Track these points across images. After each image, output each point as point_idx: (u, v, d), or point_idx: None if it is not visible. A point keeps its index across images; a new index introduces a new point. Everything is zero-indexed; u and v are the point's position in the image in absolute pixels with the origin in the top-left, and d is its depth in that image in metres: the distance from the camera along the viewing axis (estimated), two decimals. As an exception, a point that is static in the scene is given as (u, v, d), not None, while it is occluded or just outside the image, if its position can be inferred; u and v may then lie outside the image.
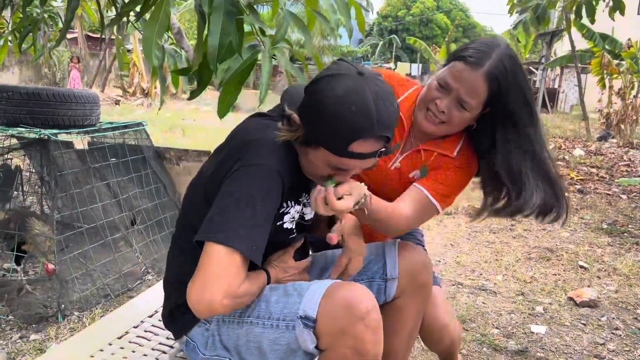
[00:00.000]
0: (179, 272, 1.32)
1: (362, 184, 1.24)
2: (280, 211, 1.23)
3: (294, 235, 1.32)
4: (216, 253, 1.08)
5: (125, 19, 1.87)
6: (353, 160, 1.11)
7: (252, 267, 1.18)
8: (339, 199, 1.14)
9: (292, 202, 1.26)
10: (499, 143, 1.43)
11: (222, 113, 1.55)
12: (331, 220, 1.43)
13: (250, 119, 1.33)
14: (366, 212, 1.29)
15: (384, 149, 1.13)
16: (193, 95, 1.60)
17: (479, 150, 1.52)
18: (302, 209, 1.31)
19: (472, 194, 2.81)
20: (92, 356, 1.39)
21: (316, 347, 1.14)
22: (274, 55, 1.50)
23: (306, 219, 1.36)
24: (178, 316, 1.30)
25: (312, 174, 1.22)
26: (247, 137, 1.22)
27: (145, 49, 1.39)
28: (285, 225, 1.26)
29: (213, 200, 1.16)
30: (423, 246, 1.79)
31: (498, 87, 1.36)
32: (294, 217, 1.28)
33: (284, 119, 1.19)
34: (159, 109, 2.30)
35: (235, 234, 1.08)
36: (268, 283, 1.26)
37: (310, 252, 1.59)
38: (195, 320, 1.27)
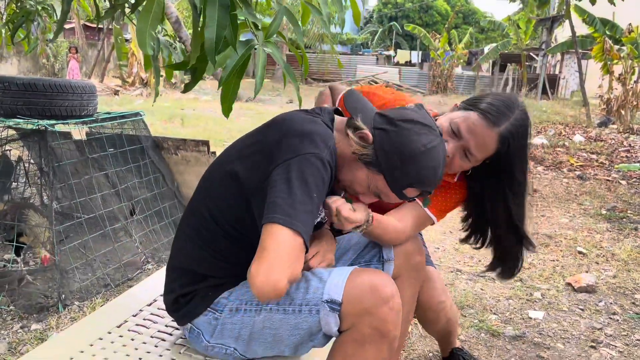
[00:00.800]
0: (186, 259, 1.33)
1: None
2: None
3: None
4: (282, 235, 1.06)
5: (119, 10, 1.87)
6: (396, 196, 1.23)
7: None
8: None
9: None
10: (487, 196, 1.54)
11: (227, 112, 1.55)
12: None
13: (294, 112, 1.32)
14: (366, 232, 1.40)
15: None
16: (187, 88, 1.60)
17: (474, 186, 1.59)
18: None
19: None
20: (92, 345, 1.40)
21: (338, 329, 1.18)
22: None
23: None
24: (183, 303, 1.31)
25: (347, 183, 1.27)
26: (300, 128, 1.21)
27: (140, 41, 1.38)
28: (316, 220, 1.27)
29: (251, 187, 1.18)
30: (433, 265, 1.89)
31: (507, 149, 1.41)
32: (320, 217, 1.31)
33: (352, 128, 1.22)
34: (154, 101, 2.30)
35: (299, 219, 1.08)
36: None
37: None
38: (202, 309, 1.28)
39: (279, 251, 1.05)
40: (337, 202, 1.27)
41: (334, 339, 1.23)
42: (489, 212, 1.56)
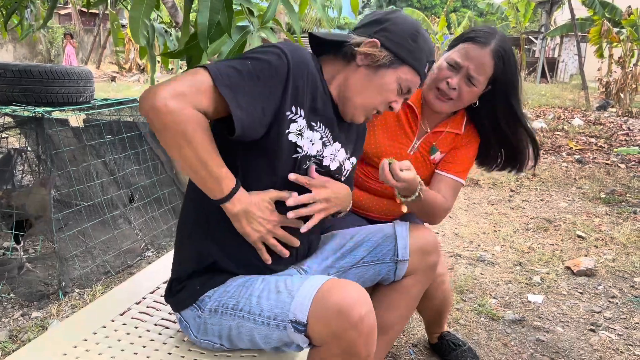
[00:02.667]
0: (177, 239, 1.34)
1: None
2: (287, 114, 1.15)
3: (298, 156, 1.21)
4: (193, 70, 1.06)
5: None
6: (420, 80, 1.28)
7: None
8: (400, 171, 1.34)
9: (302, 112, 1.18)
10: (501, 118, 1.64)
11: None
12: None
13: None
14: (404, 209, 1.49)
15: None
16: None
17: (480, 126, 1.72)
18: (319, 140, 1.24)
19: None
20: (95, 333, 1.39)
21: (309, 344, 1.15)
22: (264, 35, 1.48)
23: (324, 164, 1.28)
24: (175, 291, 1.31)
25: (376, 101, 1.26)
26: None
27: (132, 29, 1.36)
28: (290, 137, 1.17)
29: None
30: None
31: (502, 64, 1.54)
32: (301, 132, 1.18)
33: (354, 45, 1.22)
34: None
35: (217, 65, 1.06)
36: (227, 197, 1.13)
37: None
38: (189, 302, 1.27)
39: (181, 77, 1.04)
40: (386, 165, 1.34)
41: None
42: (504, 127, 1.65)
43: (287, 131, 1.16)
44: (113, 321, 1.45)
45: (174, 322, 1.46)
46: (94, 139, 2.90)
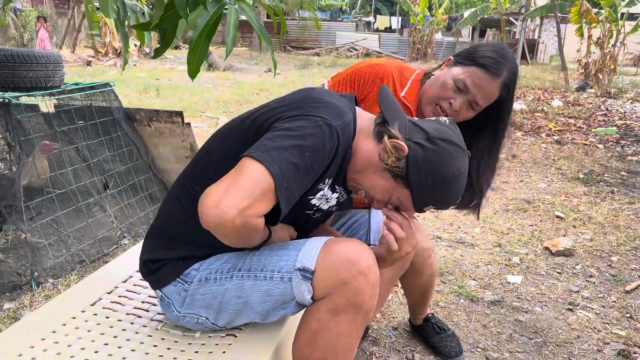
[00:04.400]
0: (163, 222, 1.30)
1: None
2: (318, 185, 1.17)
3: (311, 217, 1.27)
4: (251, 168, 0.99)
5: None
6: (414, 210, 1.20)
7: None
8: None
9: (330, 182, 1.19)
10: (481, 143, 1.64)
11: (193, 73, 1.48)
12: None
13: (319, 88, 1.27)
14: None
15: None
16: (157, 53, 1.52)
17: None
18: (332, 198, 1.26)
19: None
20: (65, 324, 1.36)
21: (311, 297, 1.15)
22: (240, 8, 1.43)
23: (322, 208, 1.30)
24: (153, 269, 1.28)
25: (364, 187, 1.20)
26: (320, 97, 1.14)
27: (102, 3, 1.30)
28: (312, 201, 1.21)
29: (250, 137, 1.12)
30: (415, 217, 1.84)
31: (507, 94, 1.55)
32: (323, 197, 1.22)
33: (387, 135, 1.15)
34: (123, 69, 2.20)
35: (279, 163, 1.00)
36: (265, 242, 1.21)
37: None
38: (171, 278, 1.25)
39: (241, 181, 0.98)
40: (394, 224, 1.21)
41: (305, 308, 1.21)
42: (481, 155, 1.64)
43: (310, 197, 1.20)
44: (83, 312, 1.42)
45: (147, 311, 1.43)
46: (66, 124, 2.82)
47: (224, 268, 1.21)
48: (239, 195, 0.97)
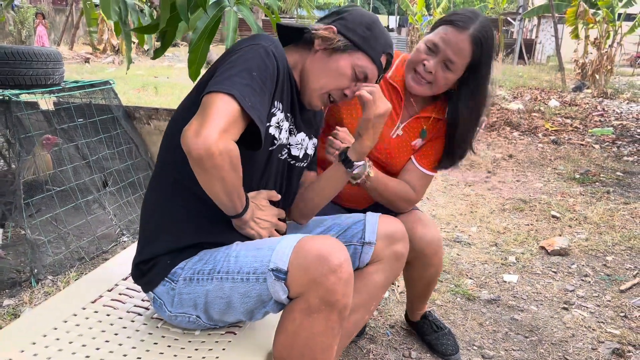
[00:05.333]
0: (144, 220, 1.32)
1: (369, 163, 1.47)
2: (271, 108, 1.21)
3: (274, 148, 1.28)
4: (213, 99, 1.07)
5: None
6: (376, 69, 1.31)
7: None
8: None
9: (280, 106, 1.25)
10: (463, 108, 1.62)
11: (194, 75, 1.50)
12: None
13: None
14: (368, 183, 1.52)
15: (385, 68, 1.37)
16: (157, 54, 1.54)
17: (460, 113, 1.68)
18: (287, 129, 1.31)
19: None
20: (66, 321, 1.37)
21: (288, 297, 1.16)
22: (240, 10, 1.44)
23: (292, 153, 1.36)
24: (144, 271, 1.30)
25: (330, 86, 1.29)
26: (246, 37, 1.26)
27: (103, 6, 1.32)
28: (270, 130, 1.24)
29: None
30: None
31: (480, 51, 1.53)
32: (279, 125, 1.26)
33: (312, 30, 1.30)
34: (127, 69, 2.21)
35: (235, 87, 1.08)
36: (244, 211, 1.23)
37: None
38: (160, 278, 1.27)
39: (209, 111, 1.05)
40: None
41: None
42: (460, 118, 1.64)
43: (268, 124, 1.22)
44: (84, 309, 1.43)
45: (147, 309, 1.44)
46: (65, 122, 2.83)
47: (204, 269, 1.23)
48: (214, 122, 1.04)
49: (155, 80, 9.81)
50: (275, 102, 1.23)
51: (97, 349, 1.24)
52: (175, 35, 1.50)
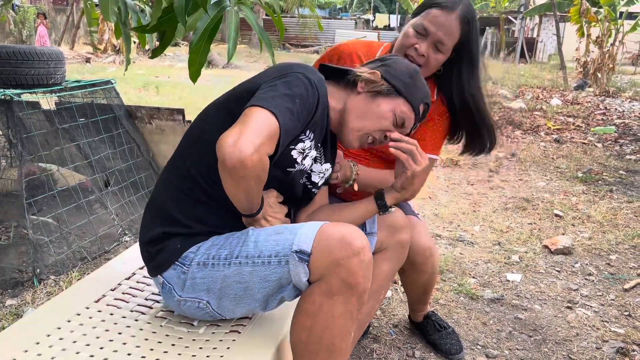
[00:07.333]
0: (161, 197, 1.32)
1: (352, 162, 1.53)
2: (300, 135, 1.25)
3: (293, 170, 1.30)
4: (256, 113, 1.11)
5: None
6: (414, 117, 1.35)
7: None
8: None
9: (312, 136, 1.28)
10: (465, 84, 1.62)
11: (194, 76, 1.49)
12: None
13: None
14: (355, 187, 1.54)
15: (422, 117, 1.41)
16: (155, 54, 1.53)
17: (450, 95, 1.68)
18: (312, 160, 1.33)
19: (449, 148, 2.80)
20: (69, 321, 1.36)
21: (308, 280, 1.17)
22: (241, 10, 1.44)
23: (312, 179, 1.39)
24: (153, 253, 1.29)
25: (369, 128, 1.32)
26: (292, 64, 1.28)
27: (102, 5, 1.31)
28: (292, 153, 1.26)
29: (234, 107, 1.22)
30: (417, 215, 1.85)
31: (468, 29, 1.55)
32: (303, 152, 1.28)
33: (355, 74, 1.35)
34: (125, 69, 2.20)
35: (277, 107, 1.13)
36: (258, 211, 1.26)
37: None
38: (170, 262, 1.26)
39: (250, 124, 1.09)
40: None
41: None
42: (469, 98, 1.63)
43: (292, 147, 1.25)
44: (87, 308, 1.42)
45: (151, 308, 1.44)
46: (67, 122, 2.83)
47: (220, 254, 1.23)
48: (252, 134, 1.08)
49: (157, 80, 9.81)
50: (307, 132, 1.27)
51: (101, 348, 1.24)
52: (173, 35, 1.49)
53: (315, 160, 1.36)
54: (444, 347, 1.95)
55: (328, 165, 1.43)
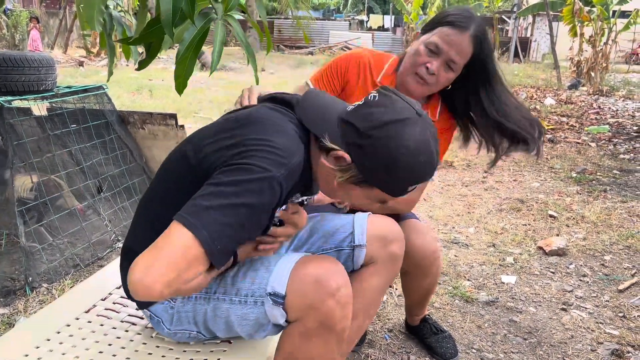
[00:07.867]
0: (135, 241, 1.27)
1: None
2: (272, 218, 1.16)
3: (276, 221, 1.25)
4: (177, 235, 0.96)
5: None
6: (402, 196, 1.13)
7: None
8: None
9: (285, 206, 1.22)
10: (485, 102, 1.62)
11: (180, 88, 1.45)
12: None
13: (265, 106, 1.18)
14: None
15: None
16: (141, 65, 1.51)
17: (458, 110, 1.71)
18: (300, 199, 1.27)
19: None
20: (59, 332, 1.35)
21: (286, 320, 1.14)
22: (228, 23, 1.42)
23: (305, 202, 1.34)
24: None
25: (333, 196, 1.24)
26: (264, 130, 1.07)
27: (87, 15, 1.29)
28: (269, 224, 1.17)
29: (201, 181, 1.04)
30: (416, 217, 1.85)
31: (480, 48, 1.56)
32: (286, 207, 1.22)
33: (325, 152, 1.10)
34: (107, 80, 2.17)
35: (209, 228, 0.96)
36: (234, 264, 1.19)
37: None
38: None
39: (165, 252, 0.95)
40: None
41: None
42: (489, 110, 1.62)
43: (267, 224, 1.14)
44: (77, 319, 1.41)
45: (142, 318, 1.43)
46: (59, 128, 2.81)
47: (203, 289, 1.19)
48: (164, 268, 0.94)
49: (150, 83, 9.77)
50: (279, 210, 1.19)
51: (91, 360, 1.22)
52: (160, 47, 1.46)
53: (303, 201, 1.29)
54: (439, 350, 1.94)
55: (318, 196, 1.39)
